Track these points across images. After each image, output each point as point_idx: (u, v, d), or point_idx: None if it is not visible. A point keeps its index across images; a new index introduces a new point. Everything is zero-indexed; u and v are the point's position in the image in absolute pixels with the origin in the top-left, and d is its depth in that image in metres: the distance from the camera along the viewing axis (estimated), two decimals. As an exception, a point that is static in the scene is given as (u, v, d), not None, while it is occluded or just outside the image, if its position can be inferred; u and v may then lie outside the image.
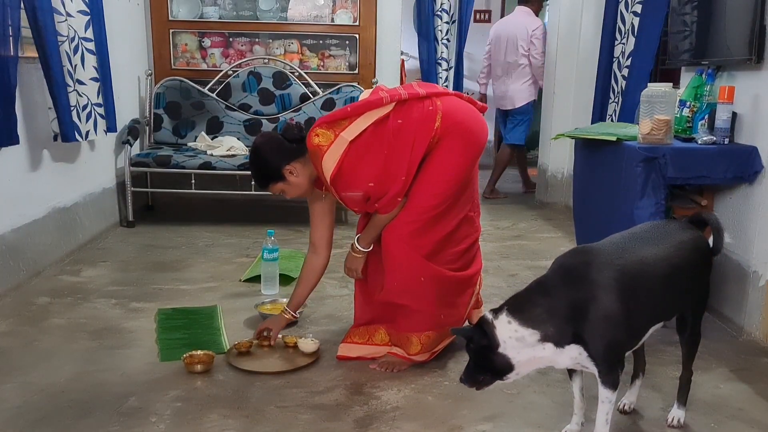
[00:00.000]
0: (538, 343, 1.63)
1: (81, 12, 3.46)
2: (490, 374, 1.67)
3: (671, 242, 1.82)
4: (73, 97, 3.38)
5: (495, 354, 1.63)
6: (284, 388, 2.17)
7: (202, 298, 3.01)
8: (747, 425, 2.00)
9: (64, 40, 3.27)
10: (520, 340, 1.62)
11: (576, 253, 1.78)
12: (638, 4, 3.81)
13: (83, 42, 3.48)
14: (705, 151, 2.63)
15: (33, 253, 3.21)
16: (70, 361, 2.34)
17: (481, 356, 1.66)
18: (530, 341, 1.62)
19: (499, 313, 1.65)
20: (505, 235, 4.33)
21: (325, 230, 2.42)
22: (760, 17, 2.54)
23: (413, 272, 2.27)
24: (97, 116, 3.67)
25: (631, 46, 3.83)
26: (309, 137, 2.23)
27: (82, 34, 3.47)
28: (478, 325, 1.67)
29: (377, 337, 2.43)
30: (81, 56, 3.48)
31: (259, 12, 4.95)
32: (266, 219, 4.41)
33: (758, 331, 2.60)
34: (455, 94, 2.39)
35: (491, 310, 1.67)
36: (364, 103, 2.25)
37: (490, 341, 1.63)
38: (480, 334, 1.64)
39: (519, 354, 1.63)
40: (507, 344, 1.62)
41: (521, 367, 1.65)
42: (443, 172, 2.24)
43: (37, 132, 3.25)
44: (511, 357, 1.63)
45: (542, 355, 1.65)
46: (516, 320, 1.63)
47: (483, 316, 1.67)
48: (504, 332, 1.62)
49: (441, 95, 2.30)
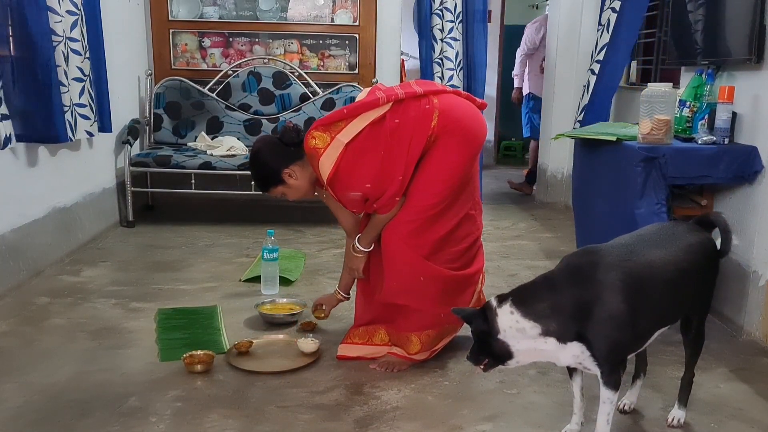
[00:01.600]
0: (540, 337, 1.65)
1: (69, 12, 3.41)
2: (491, 358, 1.71)
3: (679, 245, 1.81)
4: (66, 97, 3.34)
5: (494, 340, 1.67)
6: (284, 388, 2.17)
7: (202, 298, 3.01)
8: (747, 425, 2.00)
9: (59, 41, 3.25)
10: (521, 331, 1.65)
11: (584, 253, 1.78)
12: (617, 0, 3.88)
13: (69, 42, 3.42)
14: (705, 151, 2.63)
15: (33, 253, 3.21)
16: (70, 361, 2.34)
17: (482, 340, 1.70)
18: (531, 334, 1.65)
19: (503, 301, 1.68)
20: (505, 235, 4.33)
21: (349, 217, 2.40)
22: (760, 17, 2.54)
23: (413, 272, 2.27)
24: (78, 116, 3.58)
25: (605, 40, 3.90)
26: (306, 140, 2.23)
27: (69, 33, 3.43)
28: (481, 309, 1.71)
29: (377, 337, 2.43)
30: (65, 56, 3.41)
31: (259, 12, 4.95)
32: (266, 219, 4.40)
33: (758, 331, 2.60)
34: (454, 91, 2.38)
35: (497, 297, 1.70)
36: (361, 104, 2.24)
37: (489, 328, 1.66)
38: (481, 320, 1.69)
39: (519, 343, 1.66)
40: (507, 333, 1.66)
41: (521, 356, 1.69)
42: (441, 170, 2.24)
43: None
44: (510, 345, 1.67)
45: (543, 348, 1.66)
46: (519, 311, 1.65)
47: (488, 302, 1.71)
48: (505, 321, 1.66)
49: (439, 93, 2.29)
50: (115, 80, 3.90)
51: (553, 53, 5.29)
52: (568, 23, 5.09)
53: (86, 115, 3.62)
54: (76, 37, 3.46)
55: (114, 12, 4.06)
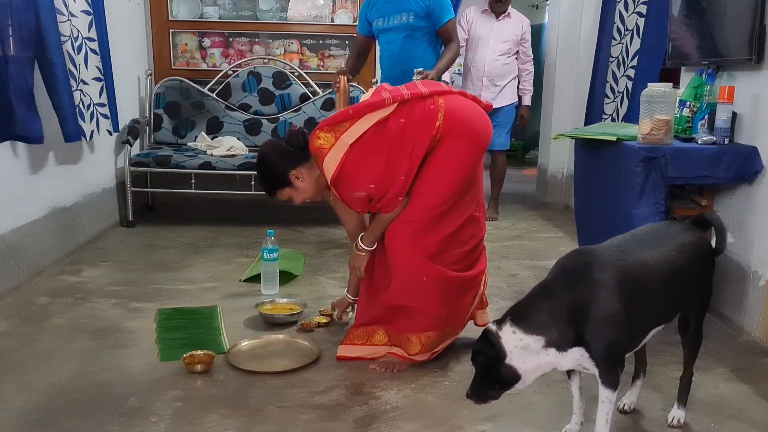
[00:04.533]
0: (543, 349, 1.63)
1: (84, 12, 3.46)
2: (498, 386, 1.67)
3: (673, 244, 1.82)
4: (77, 96, 3.39)
5: (502, 365, 1.63)
6: (284, 388, 2.17)
7: (202, 298, 3.01)
8: (747, 425, 2.00)
9: (66, 40, 3.27)
10: (526, 348, 1.62)
11: (577, 254, 1.79)
12: (642, 4, 3.82)
13: (87, 42, 3.48)
14: (705, 151, 2.63)
15: (33, 253, 3.21)
16: (70, 361, 2.34)
17: (489, 368, 1.66)
18: (535, 348, 1.63)
19: (502, 323, 1.65)
20: (505, 235, 4.34)
21: (355, 220, 2.41)
22: (760, 17, 2.54)
23: (416, 272, 2.27)
24: (100, 116, 3.68)
25: (636, 46, 3.84)
26: (311, 140, 2.24)
27: (86, 33, 3.48)
28: (482, 337, 1.67)
29: (376, 337, 2.43)
30: (85, 56, 3.49)
31: (259, 12, 4.95)
32: (266, 219, 4.41)
33: (758, 331, 2.60)
34: (459, 92, 2.38)
35: (494, 322, 1.68)
36: (366, 105, 2.24)
37: (497, 352, 1.63)
38: (487, 346, 1.64)
39: (525, 363, 1.63)
40: (513, 354, 1.63)
41: (527, 376, 1.66)
42: (446, 170, 2.24)
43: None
44: (517, 367, 1.63)
45: (546, 361, 1.65)
46: (520, 329, 1.63)
47: (486, 329, 1.67)
48: (509, 342, 1.63)
49: (444, 93, 2.29)
50: (115, 80, 3.90)
51: (553, 53, 5.30)
52: (568, 23, 5.09)
53: (106, 114, 3.71)
54: (93, 36, 3.52)
55: (114, 12, 4.06)
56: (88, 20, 3.51)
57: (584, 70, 4.77)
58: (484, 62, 4.73)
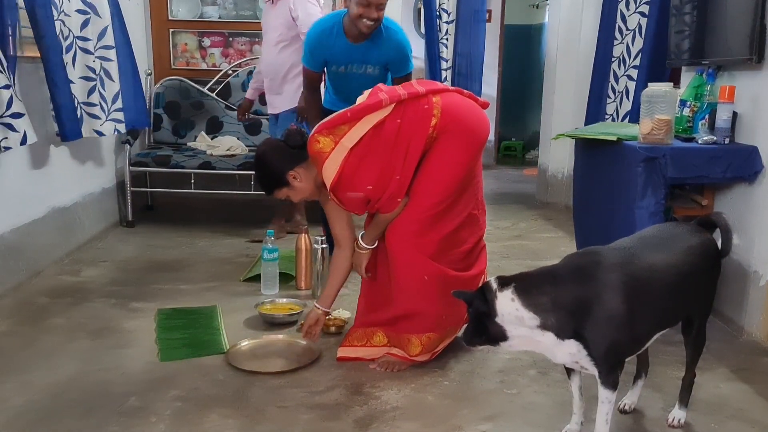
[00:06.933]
0: (537, 329, 1.64)
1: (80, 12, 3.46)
2: (485, 339, 1.70)
3: (681, 248, 1.81)
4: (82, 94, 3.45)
5: (491, 322, 1.66)
6: (284, 388, 2.17)
7: (202, 298, 3.01)
8: (747, 425, 2.00)
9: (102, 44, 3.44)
10: (519, 320, 1.64)
11: (587, 253, 1.79)
12: (645, 4, 3.81)
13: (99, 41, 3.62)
14: (705, 150, 2.63)
15: (33, 253, 3.21)
16: (70, 360, 2.34)
17: (479, 321, 1.69)
18: (529, 324, 1.64)
19: (505, 286, 1.66)
20: (505, 235, 4.33)
21: (343, 224, 2.39)
22: (760, 17, 2.53)
23: (417, 271, 2.27)
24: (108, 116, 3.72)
25: (639, 45, 3.84)
26: (310, 142, 2.23)
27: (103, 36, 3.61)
28: (480, 290, 1.69)
29: (375, 339, 2.42)
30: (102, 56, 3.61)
31: (259, 12, 4.94)
32: (266, 219, 4.40)
33: (758, 331, 2.60)
34: (456, 90, 2.38)
35: (497, 279, 1.69)
36: (364, 107, 2.23)
37: (488, 309, 1.66)
38: (480, 301, 1.67)
39: (516, 329, 1.66)
40: (505, 318, 1.65)
41: (515, 341, 1.68)
42: (443, 169, 2.24)
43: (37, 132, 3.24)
44: (507, 330, 1.66)
45: (540, 340, 1.66)
46: (520, 300, 1.64)
47: (486, 284, 1.69)
48: (504, 307, 1.65)
49: (440, 92, 2.29)
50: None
51: (553, 53, 5.29)
52: (568, 23, 5.09)
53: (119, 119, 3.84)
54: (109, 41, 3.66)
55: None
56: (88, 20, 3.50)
57: (584, 70, 4.76)
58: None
